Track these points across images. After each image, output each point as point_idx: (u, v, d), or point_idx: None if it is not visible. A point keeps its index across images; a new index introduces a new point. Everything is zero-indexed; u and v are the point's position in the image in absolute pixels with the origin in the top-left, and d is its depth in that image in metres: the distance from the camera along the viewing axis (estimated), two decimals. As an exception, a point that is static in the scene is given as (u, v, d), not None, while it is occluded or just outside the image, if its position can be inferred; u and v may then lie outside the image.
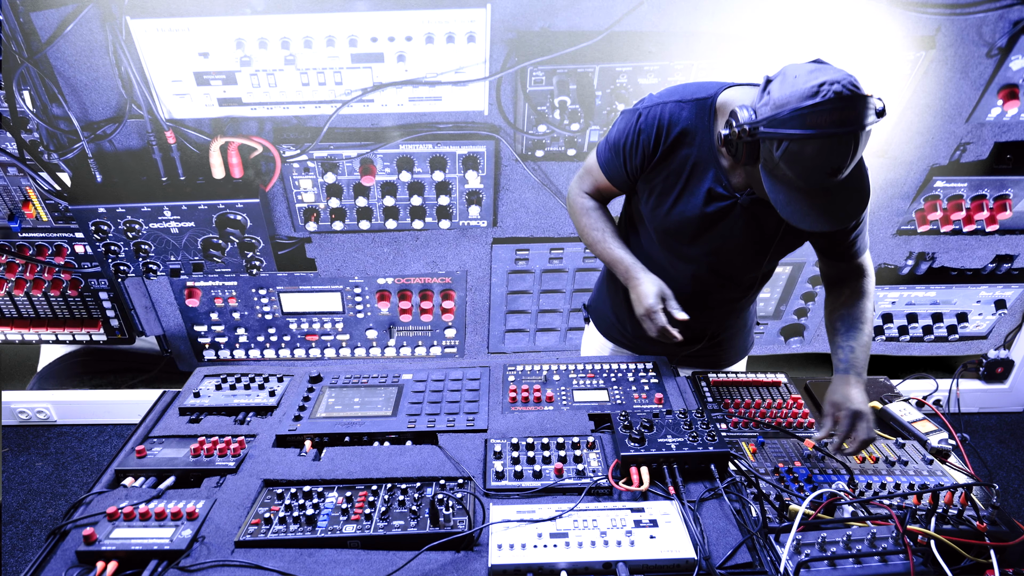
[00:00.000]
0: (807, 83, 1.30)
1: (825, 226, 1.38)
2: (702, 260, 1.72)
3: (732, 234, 1.65)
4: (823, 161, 1.29)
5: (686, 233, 1.68)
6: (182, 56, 2.12)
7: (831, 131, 1.26)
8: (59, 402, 3.39)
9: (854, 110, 1.27)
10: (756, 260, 1.72)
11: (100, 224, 2.40)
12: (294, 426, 1.63)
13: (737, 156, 1.42)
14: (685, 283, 1.77)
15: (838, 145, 1.28)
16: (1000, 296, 2.98)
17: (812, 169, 1.30)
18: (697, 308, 1.76)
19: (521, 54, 2.18)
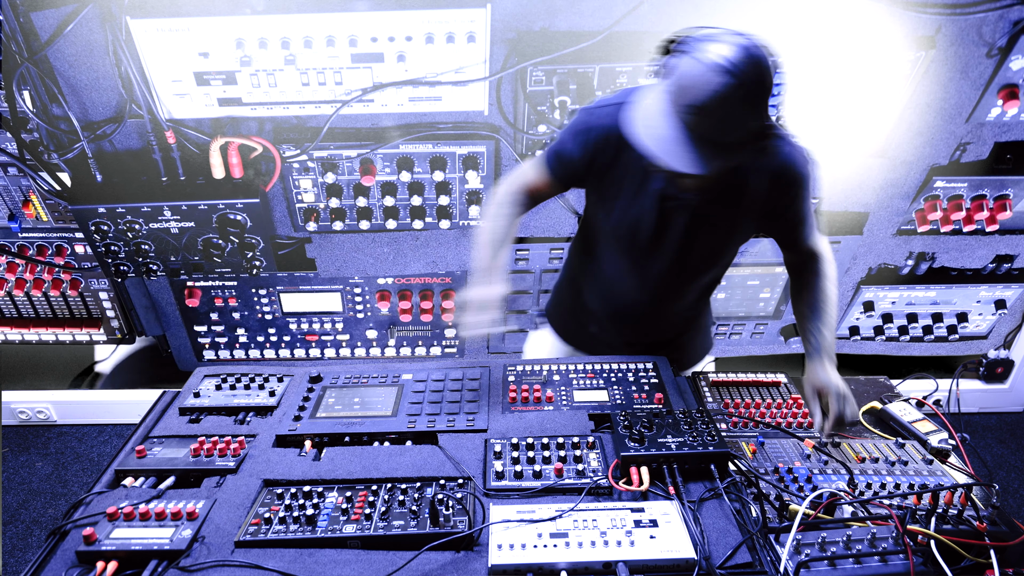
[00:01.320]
0: (737, 31, 1.35)
1: (666, 161, 1.37)
2: (658, 264, 1.75)
3: (686, 236, 1.67)
4: (695, 89, 1.30)
5: (641, 237, 1.71)
6: (182, 56, 2.12)
7: (710, 61, 1.29)
8: (59, 402, 3.39)
9: (749, 63, 1.29)
10: (710, 260, 1.76)
11: (100, 224, 2.40)
12: (294, 426, 1.63)
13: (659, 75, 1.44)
14: (643, 288, 1.82)
15: (715, 80, 1.28)
16: (1000, 296, 2.98)
17: (682, 90, 1.33)
18: (655, 312, 1.82)
19: (521, 54, 2.18)
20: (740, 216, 1.65)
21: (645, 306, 1.86)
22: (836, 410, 1.60)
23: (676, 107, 1.35)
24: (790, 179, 1.59)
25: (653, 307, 1.86)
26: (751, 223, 1.69)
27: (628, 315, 1.92)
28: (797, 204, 1.64)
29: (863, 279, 2.92)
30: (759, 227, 1.72)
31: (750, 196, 1.60)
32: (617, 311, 1.93)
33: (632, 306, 1.89)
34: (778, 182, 1.59)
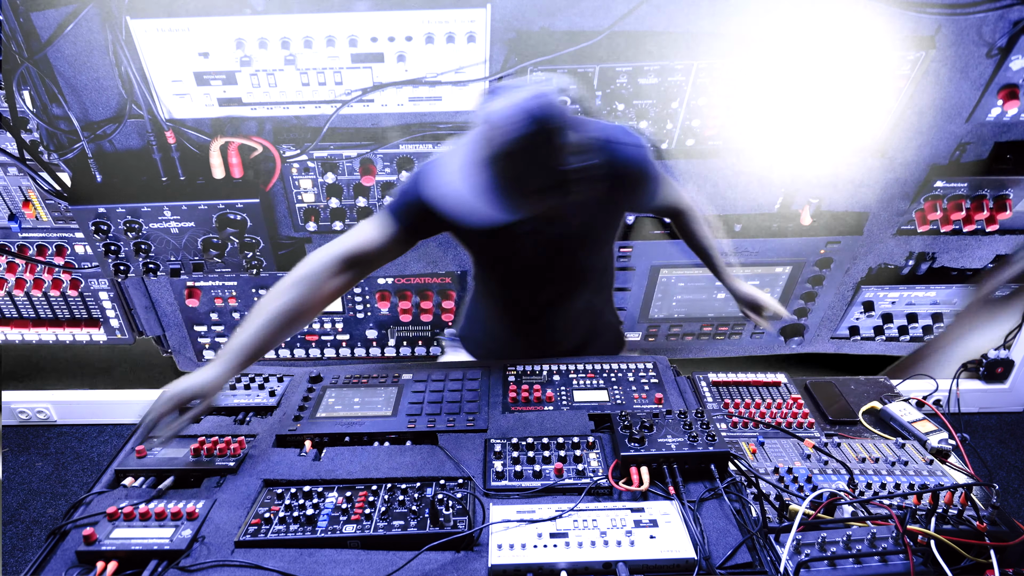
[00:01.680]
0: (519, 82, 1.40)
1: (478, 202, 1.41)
2: (541, 283, 1.82)
3: (552, 252, 1.74)
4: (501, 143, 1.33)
5: (513, 269, 1.79)
6: (182, 56, 2.12)
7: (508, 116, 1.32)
8: (59, 402, 3.39)
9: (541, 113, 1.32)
10: (584, 271, 1.83)
11: (100, 224, 2.40)
12: (294, 426, 1.63)
13: None
14: (537, 308, 1.90)
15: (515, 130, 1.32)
16: (1000, 296, 2.98)
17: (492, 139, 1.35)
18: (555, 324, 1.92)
19: (521, 54, 2.18)
20: (602, 223, 1.77)
21: (545, 323, 1.94)
22: (775, 305, 2.03)
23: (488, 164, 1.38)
24: (632, 179, 1.67)
25: (553, 321, 1.94)
26: (615, 221, 1.81)
27: (533, 332, 1.98)
28: (650, 191, 1.73)
29: (863, 279, 2.92)
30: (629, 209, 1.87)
31: (606, 203, 1.68)
32: (520, 331, 2.00)
33: (533, 324, 1.96)
34: (621, 184, 1.65)
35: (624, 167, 1.63)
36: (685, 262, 2.78)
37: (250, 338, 1.51)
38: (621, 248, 2.71)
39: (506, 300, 1.96)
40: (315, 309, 1.62)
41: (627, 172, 1.64)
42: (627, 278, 2.83)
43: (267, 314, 1.54)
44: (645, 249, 2.72)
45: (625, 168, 1.63)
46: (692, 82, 2.25)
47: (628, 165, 1.64)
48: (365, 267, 1.68)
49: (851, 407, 1.79)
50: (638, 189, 1.70)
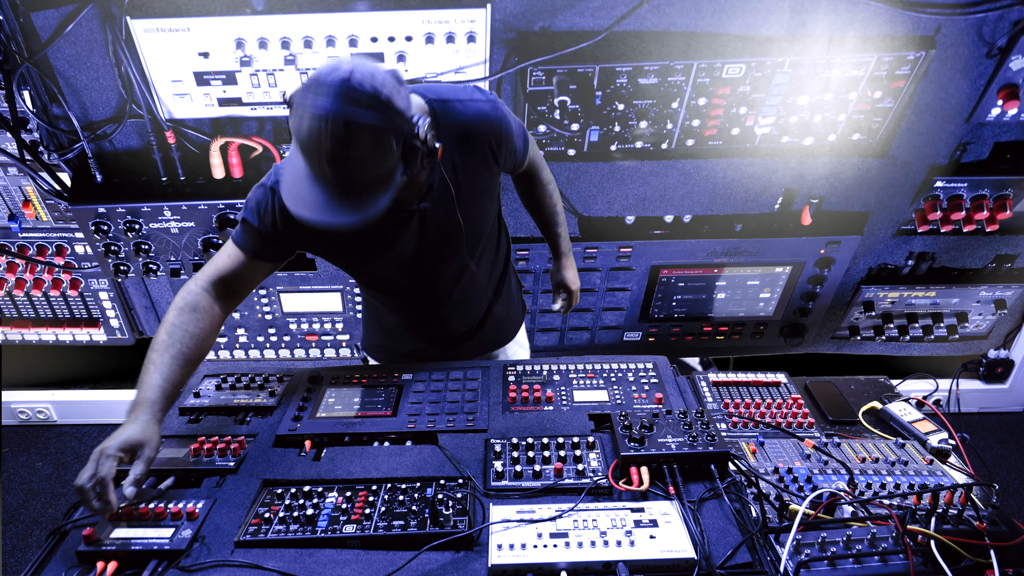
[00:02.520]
0: (332, 63, 1.25)
1: (312, 216, 1.30)
2: (426, 271, 1.75)
3: (435, 237, 1.66)
4: (314, 141, 1.22)
5: (392, 267, 1.69)
6: (182, 56, 2.12)
7: (316, 107, 1.20)
8: (59, 402, 3.39)
9: (350, 98, 1.20)
10: (471, 241, 1.74)
11: (100, 224, 2.40)
12: (294, 426, 1.63)
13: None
14: (428, 298, 1.83)
15: (326, 127, 1.20)
16: (1000, 296, 2.98)
17: (307, 148, 1.25)
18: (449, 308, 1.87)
19: (521, 54, 2.18)
20: (469, 187, 1.62)
21: (439, 310, 1.88)
22: (575, 303, 2.15)
23: (307, 165, 1.28)
24: (482, 135, 1.57)
25: (450, 304, 1.88)
26: (484, 181, 1.66)
27: (432, 318, 1.92)
28: (506, 141, 1.63)
29: (863, 279, 2.92)
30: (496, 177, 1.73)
31: (465, 165, 1.58)
32: (420, 322, 1.95)
33: (433, 312, 1.89)
34: (475, 141, 1.57)
35: (469, 124, 1.55)
36: (685, 262, 2.78)
37: (160, 386, 1.45)
38: (621, 248, 2.71)
39: (395, 294, 1.85)
40: (211, 338, 1.57)
41: (474, 129, 1.56)
42: (627, 278, 2.83)
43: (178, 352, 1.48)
44: (645, 249, 2.72)
45: (470, 125, 1.55)
46: (692, 82, 2.25)
47: (472, 121, 1.55)
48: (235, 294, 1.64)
49: (851, 407, 1.79)
50: (492, 144, 1.60)
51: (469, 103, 1.57)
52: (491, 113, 1.58)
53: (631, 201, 2.60)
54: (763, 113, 2.35)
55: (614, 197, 2.58)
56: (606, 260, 2.76)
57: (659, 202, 2.61)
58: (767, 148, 2.48)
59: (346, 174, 1.27)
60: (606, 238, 2.70)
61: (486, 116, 1.58)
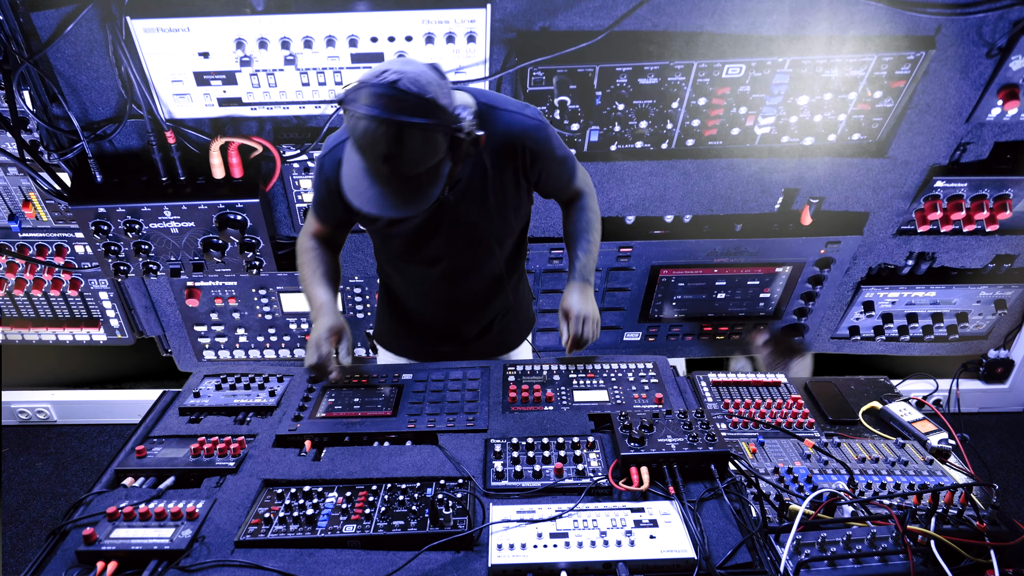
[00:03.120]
0: (379, 67, 1.38)
1: (371, 209, 1.44)
2: (442, 263, 1.80)
3: (455, 232, 1.73)
4: (369, 142, 1.35)
5: (416, 246, 1.77)
6: (182, 56, 2.12)
7: (370, 113, 1.32)
8: (59, 402, 3.39)
9: (399, 102, 1.32)
10: (487, 246, 1.79)
11: (100, 224, 2.40)
12: (294, 426, 1.63)
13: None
14: (440, 289, 1.88)
15: (380, 130, 1.33)
16: (1000, 296, 2.98)
17: (363, 148, 1.37)
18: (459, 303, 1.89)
19: (521, 54, 2.17)
20: (496, 193, 1.69)
21: (446, 306, 1.92)
22: (574, 332, 1.77)
23: (363, 162, 1.41)
24: (520, 146, 1.64)
25: (453, 305, 1.92)
26: (512, 193, 1.72)
27: (435, 319, 1.97)
28: (544, 163, 1.70)
29: (863, 279, 2.92)
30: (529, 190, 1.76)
31: (496, 172, 1.65)
32: (422, 317, 2.00)
33: (435, 309, 1.95)
34: (511, 152, 1.64)
35: (510, 134, 1.61)
36: (685, 262, 2.78)
37: (327, 291, 1.80)
38: (621, 248, 2.71)
39: (419, 288, 1.93)
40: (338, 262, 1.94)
41: (513, 139, 1.62)
42: (627, 278, 2.83)
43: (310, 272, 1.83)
44: (645, 249, 2.72)
45: (511, 134, 1.62)
46: (692, 82, 2.25)
47: (513, 131, 1.62)
48: (332, 246, 1.93)
49: (851, 407, 1.79)
50: (528, 159, 1.66)
51: (515, 115, 1.64)
52: (534, 130, 1.64)
53: (631, 201, 2.60)
54: (763, 113, 2.35)
55: (614, 197, 2.58)
56: (606, 260, 2.76)
57: (659, 202, 2.61)
58: (767, 148, 2.48)
59: (399, 171, 1.38)
60: (606, 238, 2.70)
61: (527, 131, 1.64)
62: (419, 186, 1.42)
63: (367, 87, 1.34)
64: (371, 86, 1.34)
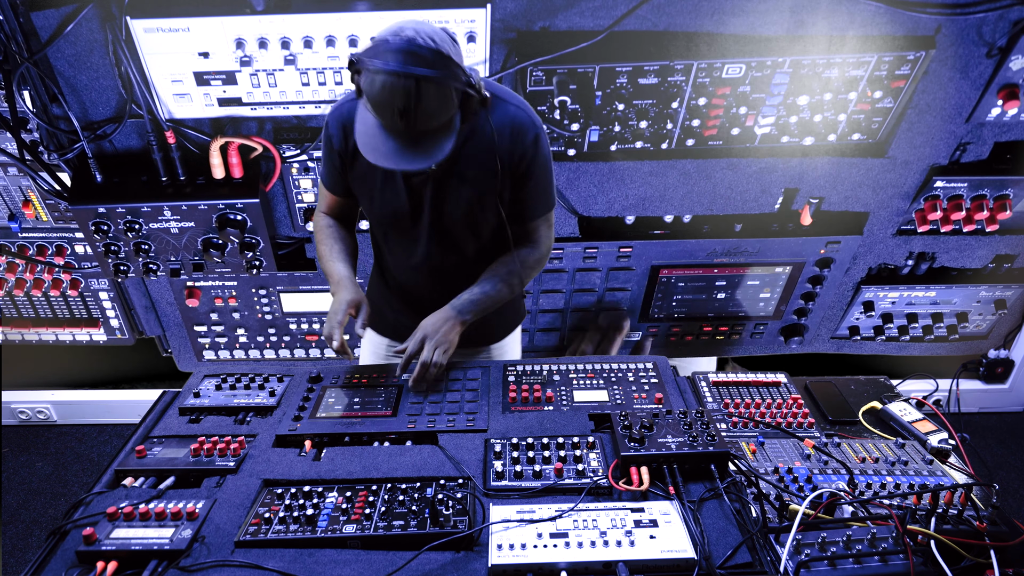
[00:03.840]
0: (395, 26, 1.42)
1: (388, 164, 1.47)
2: (426, 237, 1.80)
3: (441, 204, 1.74)
4: (387, 97, 1.38)
5: (402, 216, 1.78)
6: (182, 56, 2.12)
7: (387, 68, 1.36)
8: (59, 402, 3.39)
9: (416, 56, 1.37)
10: (473, 227, 1.79)
11: (100, 224, 2.40)
12: (294, 426, 1.63)
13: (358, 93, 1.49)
14: (426, 265, 1.87)
15: (398, 84, 1.36)
16: (1000, 296, 2.98)
17: (380, 104, 1.40)
18: (442, 284, 1.87)
19: (521, 54, 2.18)
20: (482, 174, 1.69)
21: (434, 283, 1.91)
22: (410, 350, 1.73)
23: (378, 119, 1.44)
24: (515, 139, 1.65)
25: (441, 283, 1.89)
26: (495, 180, 1.69)
27: (422, 295, 1.95)
28: (533, 169, 1.70)
29: (863, 279, 2.92)
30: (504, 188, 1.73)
31: (485, 152, 1.65)
32: (411, 293, 1.99)
33: (422, 286, 1.94)
34: (506, 140, 1.64)
35: (506, 125, 1.63)
36: (685, 262, 2.78)
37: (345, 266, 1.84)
38: (621, 248, 2.71)
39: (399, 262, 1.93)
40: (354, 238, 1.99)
41: (510, 131, 1.63)
42: (627, 278, 2.83)
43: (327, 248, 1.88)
44: (645, 249, 2.72)
45: (508, 126, 1.63)
46: (692, 82, 2.25)
47: (512, 124, 1.63)
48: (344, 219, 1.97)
49: (851, 407, 1.79)
50: (517, 156, 1.66)
51: (520, 110, 1.66)
52: (532, 129, 1.66)
53: (631, 201, 2.60)
54: (763, 113, 2.35)
55: (614, 197, 2.58)
56: (606, 260, 2.76)
57: (659, 202, 2.61)
58: (767, 148, 2.48)
59: (416, 124, 1.41)
60: (606, 238, 2.70)
61: (525, 127, 1.65)
62: (434, 139, 1.46)
63: (384, 44, 1.38)
64: (388, 43, 1.38)
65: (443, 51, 1.39)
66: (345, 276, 1.81)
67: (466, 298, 1.80)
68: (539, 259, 1.86)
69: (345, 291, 1.77)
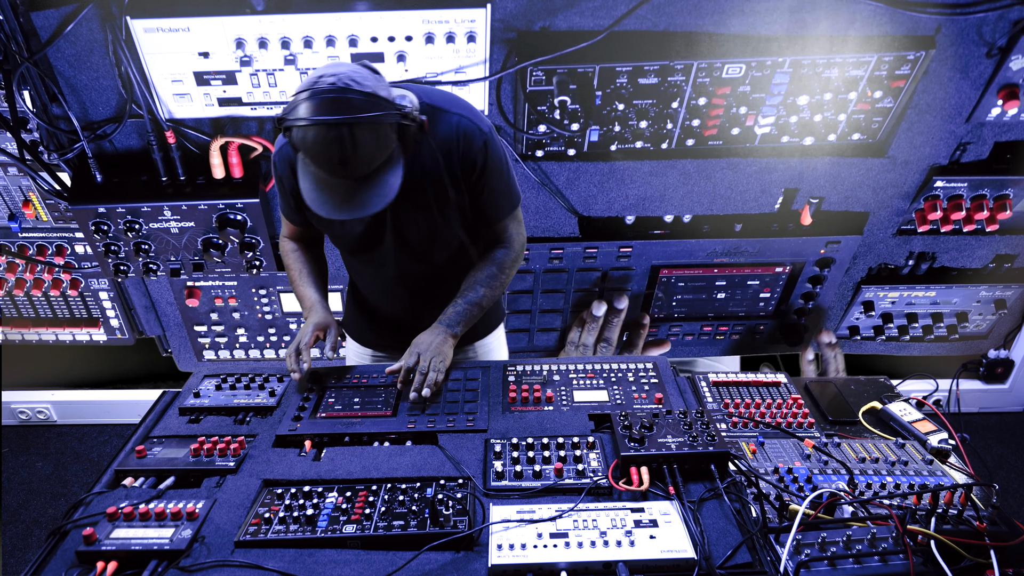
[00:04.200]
0: (312, 76, 1.40)
1: (340, 215, 1.46)
2: (393, 257, 1.79)
3: (402, 229, 1.73)
4: (322, 150, 1.35)
5: (364, 243, 1.77)
6: (182, 56, 2.12)
7: (315, 120, 1.33)
8: (59, 402, 3.39)
9: (342, 103, 1.34)
10: (439, 242, 1.78)
11: (100, 224, 2.40)
12: (294, 426, 1.63)
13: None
14: (393, 282, 1.87)
15: (331, 134, 1.34)
16: (1000, 296, 2.98)
17: (317, 157, 1.38)
18: (416, 296, 1.87)
19: (521, 54, 2.17)
20: (437, 193, 1.66)
21: (407, 292, 1.91)
22: (407, 365, 1.72)
23: (319, 171, 1.41)
24: (462, 149, 1.61)
25: (415, 291, 1.90)
26: (453, 194, 1.68)
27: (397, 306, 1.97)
28: (487, 176, 1.67)
29: (863, 279, 2.92)
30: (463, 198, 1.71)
31: (434, 171, 1.63)
32: (384, 309, 2.00)
33: (396, 296, 1.94)
34: (451, 153, 1.61)
35: (451, 137, 1.60)
36: (685, 262, 2.78)
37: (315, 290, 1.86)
38: (621, 248, 2.71)
39: (368, 283, 1.96)
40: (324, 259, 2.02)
41: (455, 142, 1.60)
42: (627, 278, 2.83)
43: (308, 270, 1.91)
44: (645, 249, 2.72)
45: (453, 138, 1.60)
46: (692, 82, 2.25)
47: (456, 135, 1.60)
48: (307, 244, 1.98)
49: (851, 407, 1.79)
50: (468, 164, 1.63)
51: (463, 118, 1.62)
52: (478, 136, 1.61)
53: (631, 201, 2.60)
54: (763, 113, 2.35)
55: (614, 197, 2.58)
56: (606, 260, 2.76)
57: (659, 202, 2.61)
58: (767, 148, 2.48)
59: (357, 169, 1.39)
60: (606, 238, 2.70)
61: (471, 135, 1.61)
62: (380, 179, 1.44)
63: (307, 96, 1.35)
64: (311, 94, 1.35)
65: (367, 90, 1.36)
66: (316, 301, 1.84)
67: (451, 312, 1.80)
68: (515, 258, 1.85)
69: (315, 315, 1.81)
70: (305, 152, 1.38)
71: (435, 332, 1.78)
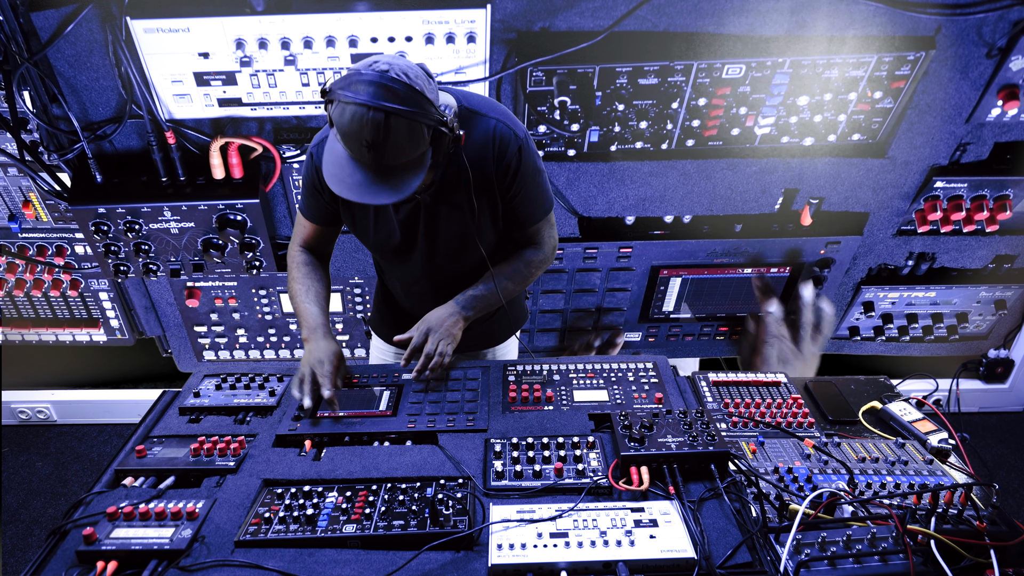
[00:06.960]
0: (370, 59, 1.42)
1: (351, 196, 1.45)
2: (424, 261, 1.81)
3: (435, 231, 1.74)
4: (355, 129, 1.36)
5: (397, 245, 1.78)
6: (182, 56, 2.12)
7: (358, 99, 1.35)
8: (59, 402, 3.39)
9: (388, 90, 1.35)
10: (470, 244, 1.78)
11: (100, 224, 2.40)
12: (294, 426, 1.63)
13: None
14: (424, 284, 1.89)
15: (367, 116, 1.35)
16: (1000, 296, 2.98)
17: (348, 135, 1.38)
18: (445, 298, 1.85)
19: (521, 54, 2.18)
20: (472, 196, 1.67)
21: (436, 294, 1.89)
22: (415, 342, 1.74)
23: (347, 151, 1.42)
24: (498, 154, 1.63)
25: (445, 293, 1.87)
26: (484, 198, 1.70)
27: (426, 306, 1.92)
28: (522, 181, 1.68)
29: (863, 279, 2.92)
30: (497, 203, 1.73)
31: (473, 174, 1.64)
32: (411, 308, 1.99)
33: (425, 297, 1.93)
34: (488, 159, 1.63)
35: (488, 141, 1.61)
36: (685, 262, 2.78)
37: (320, 312, 1.81)
38: (621, 248, 2.72)
39: (400, 282, 1.95)
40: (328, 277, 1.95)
41: (492, 147, 1.62)
42: (627, 278, 2.83)
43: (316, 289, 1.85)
44: (645, 249, 2.72)
45: (489, 142, 1.62)
46: (692, 82, 2.25)
47: (493, 140, 1.61)
48: (320, 254, 1.95)
49: (851, 407, 1.79)
50: (503, 169, 1.64)
51: (500, 123, 1.63)
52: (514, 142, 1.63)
53: (631, 201, 2.60)
54: (763, 113, 2.35)
55: (614, 197, 2.58)
56: (606, 260, 2.76)
57: (659, 202, 2.61)
58: (767, 148, 2.48)
59: (384, 158, 1.40)
60: (606, 238, 2.70)
61: (507, 141, 1.63)
62: (402, 175, 1.44)
63: (357, 76, 1.37)
64: (361, 75, 1.37)
65: (416, 87, 1.38)
66: (321, 324, 1.79)
67: (469, 294, 1.80)
68: (543, 259, 1.86)
69: (325, 340, 1.75)
70: (339, 128, 1.39)
71: (447, 310, 1.78)
